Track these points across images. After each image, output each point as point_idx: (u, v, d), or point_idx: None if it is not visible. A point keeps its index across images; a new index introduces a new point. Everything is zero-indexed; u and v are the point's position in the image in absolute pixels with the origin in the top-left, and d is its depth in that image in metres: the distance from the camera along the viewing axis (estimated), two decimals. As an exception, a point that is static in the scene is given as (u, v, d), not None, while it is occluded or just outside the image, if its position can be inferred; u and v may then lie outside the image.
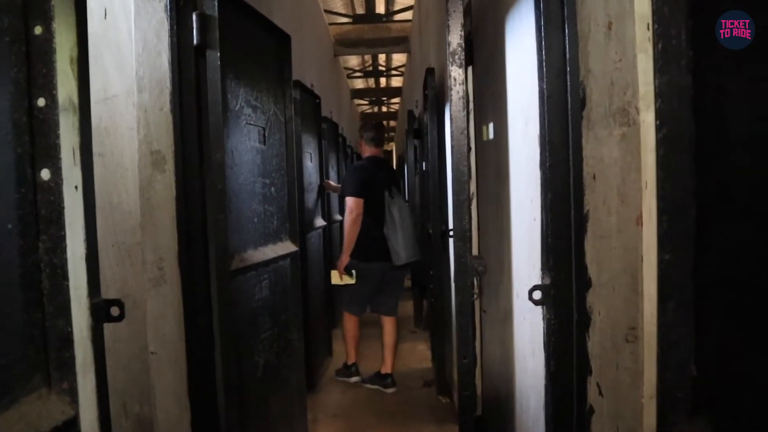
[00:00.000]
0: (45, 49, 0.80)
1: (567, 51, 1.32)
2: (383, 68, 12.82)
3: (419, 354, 4.96)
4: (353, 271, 3.93)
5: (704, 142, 0.84)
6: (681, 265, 0.88)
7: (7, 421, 0.70)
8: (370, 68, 12.90)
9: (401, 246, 3.84)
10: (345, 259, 3.90)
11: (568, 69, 1.31)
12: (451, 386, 3.74)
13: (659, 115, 0.87)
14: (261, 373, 2.24)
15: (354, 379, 4.24)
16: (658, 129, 0.88)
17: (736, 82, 0.81)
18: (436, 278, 4.00)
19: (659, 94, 0.86)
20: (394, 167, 15.25)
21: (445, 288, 3.81)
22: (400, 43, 8.67)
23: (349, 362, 4.28)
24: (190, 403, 1.79)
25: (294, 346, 2.62)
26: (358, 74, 12.99)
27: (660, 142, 0.88)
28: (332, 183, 5.06)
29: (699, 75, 0.84)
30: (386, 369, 4.12)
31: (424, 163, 4.92)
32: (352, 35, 8.83)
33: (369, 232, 3.88)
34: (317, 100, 4.70)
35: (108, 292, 1.61)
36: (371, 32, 8.78)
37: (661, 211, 0.91)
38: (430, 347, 4.94)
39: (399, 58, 11.62)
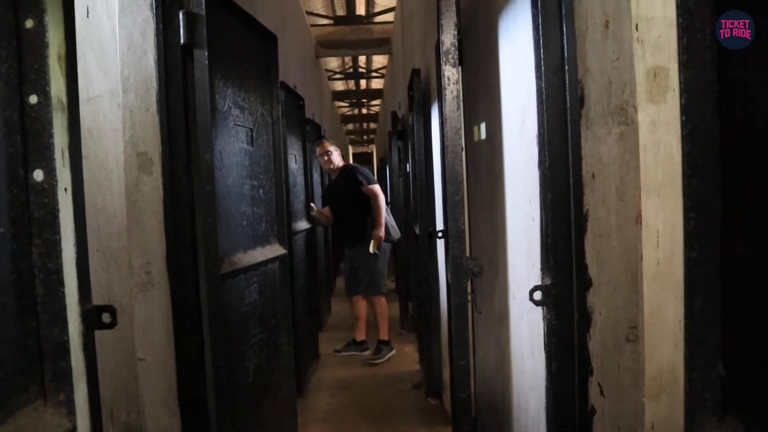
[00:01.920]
0: (37, 44, 0.76)
1: (565, 49, 1.31)
2: (363, 70, 12.79)
3: (407, 356, 4.94)
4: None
5: (730, 137, 0.83)
6: (708, 263, 0.87)
7: (1, 436, 0.66)
8: (351, 70, 12.87)
9: (395, 225, 4.81)
10: (383, 231, 4.53)
11: (567, 68, 1.31)
12: (440, 388, 3.73)
13: (684, 110, 0.86)
14: (252, 378, 2.20)
15: (367, 352, 4.81)
16: (683, 125, 0.87)
17: (761, 76, 0.80)
18: (423, 280, 3.99)
19: (684, 90, 0.85)
20: (375, 169, 15.45)
21: (432, 289, 3.80)
22: (381, 44, 8.66)
23: (359, 339, 4.90)
24: (180, 410, 1.75)
25: (284, 350, 2.58)
26: (338, 76, 12.95)
27: (685, 139, 0.87)
28: (320, 210, 4.90)
29: (724, 70, 0.83)
30: (384, 335, 4.86)
31: (408, 165, 4.91)
32: (333, 37, 8.79)
33: None
34: (301, 102, 4.66)
35: (93, 298, 1.57)
36: (352, 34, 8.75)
37: (688, 209, 0.90)
38: (417, 349, 4.93)
39: (379, 60, 11.59)
